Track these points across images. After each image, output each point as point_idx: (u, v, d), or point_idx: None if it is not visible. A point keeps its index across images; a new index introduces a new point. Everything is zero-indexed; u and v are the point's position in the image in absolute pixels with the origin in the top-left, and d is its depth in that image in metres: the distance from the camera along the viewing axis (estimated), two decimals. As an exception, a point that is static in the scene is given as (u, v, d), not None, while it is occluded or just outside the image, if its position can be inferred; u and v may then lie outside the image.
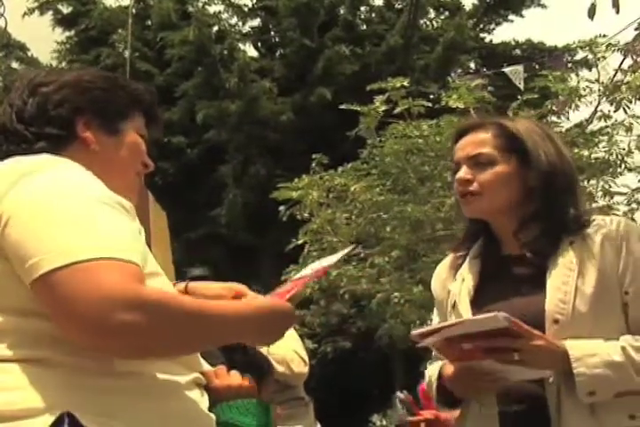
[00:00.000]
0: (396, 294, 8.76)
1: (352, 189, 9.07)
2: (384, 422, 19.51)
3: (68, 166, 1.87)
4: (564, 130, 8.32)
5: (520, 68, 9.68)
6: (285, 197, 9.40)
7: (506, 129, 2.55)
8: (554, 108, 7.81)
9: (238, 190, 15.67)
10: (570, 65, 14.44)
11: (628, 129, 7.59)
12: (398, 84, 7.70)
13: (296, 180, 9.83)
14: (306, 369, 4.69)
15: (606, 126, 8.14)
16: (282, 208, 9.59)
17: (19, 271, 1.69)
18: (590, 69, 9.20)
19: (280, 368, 4.54)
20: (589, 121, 8.32)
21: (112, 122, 2.09)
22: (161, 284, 1.94)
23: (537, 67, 14.44)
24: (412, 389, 6.02)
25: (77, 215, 1.72)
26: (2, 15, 5.55)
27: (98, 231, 1.70)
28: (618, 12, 4.30)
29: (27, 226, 1.72)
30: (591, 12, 4.23)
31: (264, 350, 4.46)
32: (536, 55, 16.68)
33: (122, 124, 2.11)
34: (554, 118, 8.51)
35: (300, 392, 4.77)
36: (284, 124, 15.94)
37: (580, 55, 14.33)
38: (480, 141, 2.55)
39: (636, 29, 4.67)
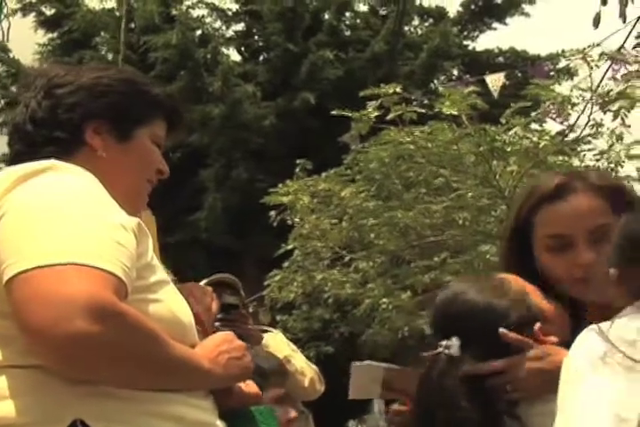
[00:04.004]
0: (384, 299, 8.78)
1: (342, 194, 9.08)
2: (360, 428, 19.47)
3: (67, 172, 1.85)
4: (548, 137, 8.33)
5: (501, 75, 9.74)
6: (276, 201, 9.42)
7: (622, 193, 2.21)
8: (550, 115, 7.84)
9: (219, 194, 15.63)
10: (552, 73, 14.52)
11: (619, 138, 7.63)
12: (391, 90, 7.70)
13: (280, 185, 9.85)
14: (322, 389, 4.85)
15: (589, 135, 8.19)
16: (272, 213, 9.61)
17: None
18: (572, 78, 9.24)
19: (305, 383, 4.65)
20: (573, 129, 8.37)
21: (124, 128, 2.06)
22: (170, 291, 1.92)
23: (519, 75, 14.52)
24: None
25: (57, 222, 1.70)
26: (6, 16, 5.50)
27: (75, 238, 1.67)
28: (624, 20, 4.36)
29: (8, 231, 1.71)
30: (596, 21, 4.25)
31: (297, 364, 4.61)
32: (519, 63, 16.75)
33: (135, 131, 2.08)
34: (545, 126, 8.58)
35: (300, 406, 4.80)
36: (267, 128, 15.91)
37: (562, 63, 14.44)
38: (599, 209, 2.17)
39: (637, 37, 4.69)
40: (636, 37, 4.70)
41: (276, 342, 4.80)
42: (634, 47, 4.87)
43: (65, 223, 1.69)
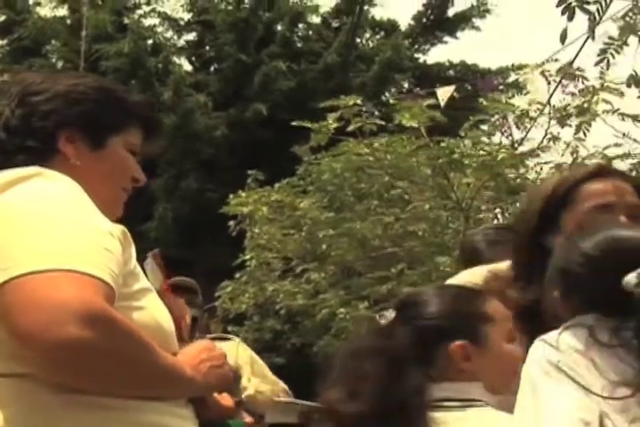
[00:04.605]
0: (341, 309, 8.81)
1: (300, 205, 9.11)
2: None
3: (53, 179, 1.83)
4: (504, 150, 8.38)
5: (451, 88, 9.79)
6: (236, 212, 9.42)
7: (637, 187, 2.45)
8: (499, 129, 7.92)
9: (169, 204, 15.57)
10: (501, 87, 14.66)
11: (574, 151, 7.73)
12: (350, 103, 7.70)
13: (232, 195, 9.85)
14: None
15: (538, 148, 8.26)
16: (231, 223, 9.61)
17: None
18: (521, 92, 9.33)
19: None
20: (522, 143, 8.45)
21: (98, 136, 2.04)
22: (153, 299, 1.91)
23: (469, 88, 14.63)
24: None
25: (48, 228, 1.68)
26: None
27: (65, 245, 1.66)
28: (593, 38, 4.41)
29: None
30: (562, 37, 4.29)
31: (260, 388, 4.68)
32: (469, 77, 16.88)
33: (109, 139, 2.05)
34: (493, 139, 8.65)
35: (260, 418, 4.88)
36: (218, 138, 15.89)
37: (512, 77, 14.57)
38: (632, 191, 2.40)
39: (599, 55, 4.76)
40: (598, 55, 4.77)
41: (237, 353, 4.82)
42: (596, 64, 4.96)
43: (55, 230, 1.68)
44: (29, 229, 1.68)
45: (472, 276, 2.58)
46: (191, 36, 18.33)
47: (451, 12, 17.93)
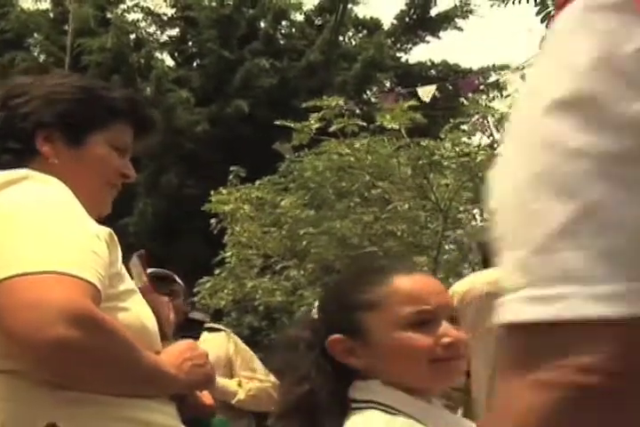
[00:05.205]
0: (321, 306, 8.83)
1: (282, 204, 9.13)
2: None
3: (42, 182, 1.88)
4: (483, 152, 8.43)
5: (433, 88, 9.81)
6: (218, 210, 9.43)
7: None
8: (480, 129, 7.96)
9: (149, 199, 15.54)
10: (482, 87, 14.67)
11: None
12: (333, 103, 7.72)
13: (213, 192, 9.85)
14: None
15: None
16: (212, 221, 9.61)
17: None
18: (501, 92, 9.37)
19: (261, 407, 4.73)
20: (500, 144, 8.48)
21: (76, 134, 2.07)
22: (138, 300, 1.96)
23: (450, 88, 14.65)
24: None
25: (38, 231, 1.74)
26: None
27: (55, 247, 1.71)
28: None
29: None
30: (542, 44, 4.33)
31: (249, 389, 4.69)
32: (451, 76, 16.90)
33: (88, 136, 2.08)
34: (473, 139, 8.70)
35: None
36: (200, 134, 15.88)
37: (493, 78, 14.62)
38: None
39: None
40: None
41: (227, 345, 4.82)
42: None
43: (45, 233, 1.73)
44: (20, 231, 1.73)
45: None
46: (174, 32, 18.33)
47: (433, 12, 17.99)
